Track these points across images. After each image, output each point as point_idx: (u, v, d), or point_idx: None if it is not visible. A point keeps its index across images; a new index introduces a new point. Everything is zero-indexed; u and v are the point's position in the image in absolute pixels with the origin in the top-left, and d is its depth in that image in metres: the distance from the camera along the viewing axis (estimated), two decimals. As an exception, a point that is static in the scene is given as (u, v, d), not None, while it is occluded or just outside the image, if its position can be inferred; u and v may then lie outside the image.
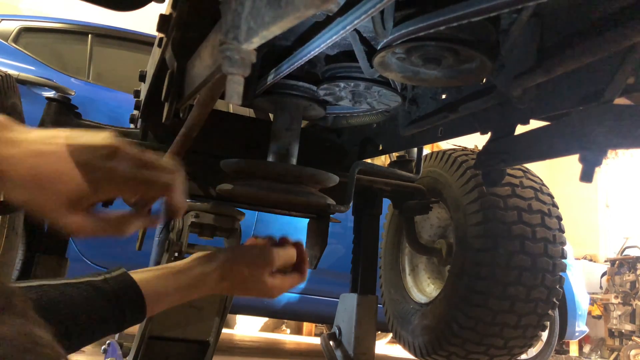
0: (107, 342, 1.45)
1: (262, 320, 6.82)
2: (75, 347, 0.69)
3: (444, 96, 1.02)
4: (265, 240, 0.85)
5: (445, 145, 2.10)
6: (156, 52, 1.02)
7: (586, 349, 7.94)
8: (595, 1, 0.67)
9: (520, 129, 0.90)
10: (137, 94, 1.45)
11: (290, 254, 0.85)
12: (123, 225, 0.62)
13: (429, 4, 0.60)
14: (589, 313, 6.35)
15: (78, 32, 2.95)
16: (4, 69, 1.72)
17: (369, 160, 1.48)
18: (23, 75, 2.47)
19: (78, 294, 0.68)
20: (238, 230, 1.29)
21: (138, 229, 0.65)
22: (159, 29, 0.71)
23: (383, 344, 5.87)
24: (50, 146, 0.55)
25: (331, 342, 1.60)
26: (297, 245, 0.85)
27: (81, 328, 0.68)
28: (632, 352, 6.94)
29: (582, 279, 4.44)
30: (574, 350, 7.65)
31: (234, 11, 0.47)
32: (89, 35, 2.92)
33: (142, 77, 1.33)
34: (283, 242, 0.86)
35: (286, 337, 6.42)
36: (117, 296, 0.71)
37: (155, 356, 1.30)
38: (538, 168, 1.83)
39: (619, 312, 7.68)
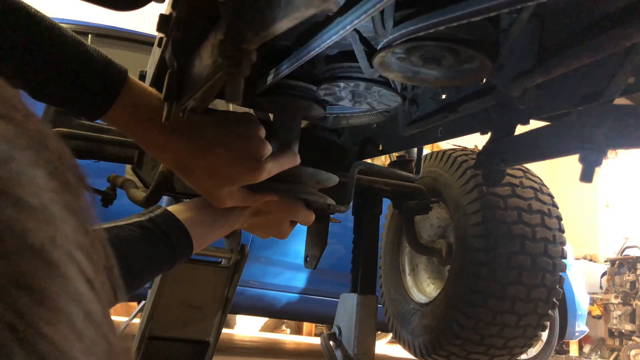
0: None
1: (262, 320, 6.83)
2: (136, 286, 0.71)
3: (444, 96, 1.02)
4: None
5: (445, 145, 2.10)
6: (156, 52, 1.02)
7: (586, 349, 7.95)
8: (596, 1, 0.67)
9: (520, 129, 0.90)
10: (137, 94, 1.45)
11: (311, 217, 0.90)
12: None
13: (429, 4, 0.60)
14: (589, 313, 6.36)
15: (78, 32, 2.94)
16: (4, 69, 1.72)
17: (369, 160, 1.48)
18: (23, 75, 2.47)
19: (131, 235, 0.69)
20: (238, 230, 1.29)
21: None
22: (159, 29, 0.71)
23: (383, 344, 5.87)
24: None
25: (331, 342, 1.60)
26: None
27: (140, 267, 0.69)
28: (632, 352, 6.94)
29: (582, 279, 4.44)
30: (574, 350, 7.65)
31: (234, 11, 0.47)
32: (89, 35, 2.92)
33: (142, 77, 1.33)
34: None
35: (286, 337, 6.43)
36: (166, 233, 0.72)
37: (155, 356, 1.30)
38: (538, 168, 1.83)
39: (619, 312, 7.69)
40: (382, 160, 2.60)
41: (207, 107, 0.77)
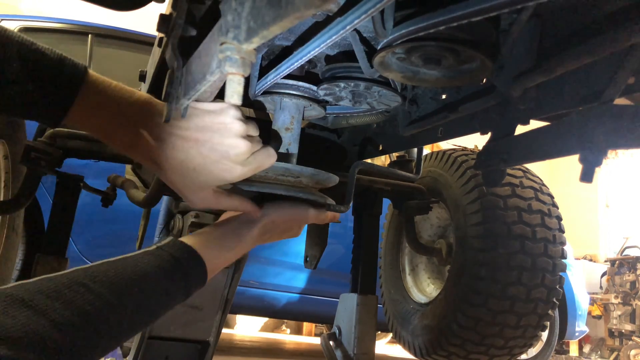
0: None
1: (262, 320, 6.83)
2: (154, 316, 0.67)
3: (444, 96, 1.02)
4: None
5: (445, 145, 2.10)
6: (156, 52, 1.02)
7: (586, 349, 7.94)
8: (595, 1, 0.67)
9: (520, 129, 0.90)
10: (137, 94, 1.45)
11: (323, 217, 0.89)
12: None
13: (429, 4, 0.60)
14: (589, 313, 6.36)
15: (78, 32, 2.95)
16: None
17: (369, 160, 1.48)
18: (23, 75, 2.46)
19: (143, 264, 0.65)
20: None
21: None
22: (159, 29, 0.71)
23: (383, 344, 5.87)
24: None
25: (331, 342, 1.60)
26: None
27: (155, 296, 0.65)
28: (632, 352, 6.94)
29: (582, 279, 4.44)
30: (574, 350, 7.65)
31: (234, 11, 0.47)
32: (89, 35, 2.92)
33: (142, 77, 1.33)
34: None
35: (286, 337, 6.42)
36: (179, 261, 0.69)
37: (155, 356, 1.30)
38: (538, 168, 1.83)
39: (619, 312, 7.68)
40: (382, 160, 2.60)
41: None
